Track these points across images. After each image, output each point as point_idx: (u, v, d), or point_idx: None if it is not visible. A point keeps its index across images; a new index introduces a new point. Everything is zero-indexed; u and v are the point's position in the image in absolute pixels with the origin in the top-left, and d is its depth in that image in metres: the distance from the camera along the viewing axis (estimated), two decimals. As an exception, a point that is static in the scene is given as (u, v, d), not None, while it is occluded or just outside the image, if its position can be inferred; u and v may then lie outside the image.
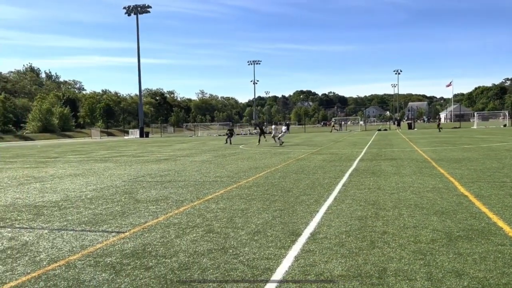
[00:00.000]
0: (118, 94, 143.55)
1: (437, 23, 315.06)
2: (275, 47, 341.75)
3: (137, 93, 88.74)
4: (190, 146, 32.81)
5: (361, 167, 13.20)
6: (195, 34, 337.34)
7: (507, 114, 66.95)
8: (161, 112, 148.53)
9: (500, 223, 5.75)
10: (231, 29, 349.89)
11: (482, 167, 11.96)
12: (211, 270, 4.34)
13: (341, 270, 4.20)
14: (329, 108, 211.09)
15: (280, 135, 30.33)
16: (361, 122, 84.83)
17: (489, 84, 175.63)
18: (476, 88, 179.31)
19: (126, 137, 72.30)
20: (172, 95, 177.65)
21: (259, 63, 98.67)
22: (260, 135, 32.95)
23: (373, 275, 4.05)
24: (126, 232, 6.07)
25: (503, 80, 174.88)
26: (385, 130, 60.49)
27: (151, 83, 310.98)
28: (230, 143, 32.66)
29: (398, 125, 51.48)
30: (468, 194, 7.93)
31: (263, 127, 30.67)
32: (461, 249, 4.74)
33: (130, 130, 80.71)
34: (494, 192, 8.03)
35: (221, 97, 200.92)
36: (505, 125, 58.85)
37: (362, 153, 18.95)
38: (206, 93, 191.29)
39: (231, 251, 4.98)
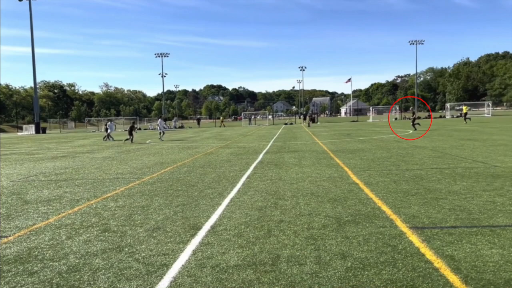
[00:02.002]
0: (10, 87, 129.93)
1: (338, 23, 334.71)
2: (185, 40, 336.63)
3: (32, 85, 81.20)
4: (91, 142, 30.99)
5: (266, 160, 13.59)
6: (99, 24, 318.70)
7: (398, 109, 73.68)
8: (61, 106, 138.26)
9: (384, 207, 6.31)
10: (137, 19, 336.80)
11: (373, 157, 13.03)
12: (103, 271, 4.15)
13: (237, 260, 4.29)
14: (240, 103, 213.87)
15: (161, 130, 30.21)
16: (270, 117, 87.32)
17: (383, 81, 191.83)
18: (372, 85, 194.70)
19: (19, 133, 66.07)
20: (72, 88, 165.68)
21: (168, 56, 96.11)
22: (129, 134, 27.91)
23: (267, 263, 4.19)
24: (10, 236, 5.54)
25: (395, 77, 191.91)
26: (291, 124, 63.05)
27: (49, 75, 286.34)
28: (109, 139, 31.60)
29: (305, 119, 53.99)
30: (359, 182, 8.58)
31: (135, 126, 28.74)
32: (348, 232, 5.11)
33: (24, 126, 73.86)
34: (381, 180, 8.79)
35: (128, 90, 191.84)
36: (396, 119, 64.77)
37: (268, 146, 19.52)
38: (111, 86, 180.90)
39: (126, 249, 4.81)
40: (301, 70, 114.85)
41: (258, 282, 3.73)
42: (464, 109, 42.59)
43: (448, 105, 72.32)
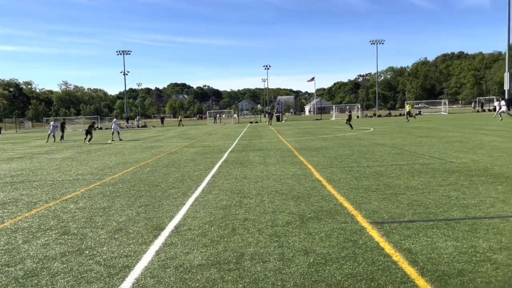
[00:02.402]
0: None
1: (302, 22, 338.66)
2: (147, 38, 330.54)
3: (-15, 83, 77.28)
4: (50, 142, 29.91)
5: (231, 158, 13.58)
6: (57, 20, 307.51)
7: (359, 107, 75.48)
8: (17, 105, 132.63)
9: (345, 204, 6.46)
10: (97, 17, 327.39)
11: (335, 154, 13.30)
12: (62, 274, 4.03)
13: (201, 260, 4.28)
14: (204, 101, 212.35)
15: (114, 130, 29.67)
16: (235, 115, 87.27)
17: (345, 80, 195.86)
18: (335, 83, 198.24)
19: (-29, 134, 62.75)
20: (29, 86, 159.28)
21: (129, 53, 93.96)
22: (87, 134, 26.75)
23: (231, 261, 4.20)
24: (-40, 242, 5.27)
25: (357, 76, 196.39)
26: (257, 122, 63.28)
27: (3, 73, 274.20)
28: (58, 139, 30.92)
29: (271, 118, 54.36)
30: (322, 179, 8.74)
31: (94, 125, 27.93)
32: (311, 229, 5.21)
33: (-24, 126, 70.24)
34: (343, 176, 8.99)
35: (88, 89, 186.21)
36: (358, 117, 66.30)
37: (233, 145, 19.51)
38: (70, 85, 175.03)
39: (87, 252, 4.69)
40: (265, 68, 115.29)
41: (222, 280, 3.74)
42: (407, 107, 44.05)
43: (407, 103, 74.68)
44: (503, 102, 31.11)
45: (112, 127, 30.39)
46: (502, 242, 4.41)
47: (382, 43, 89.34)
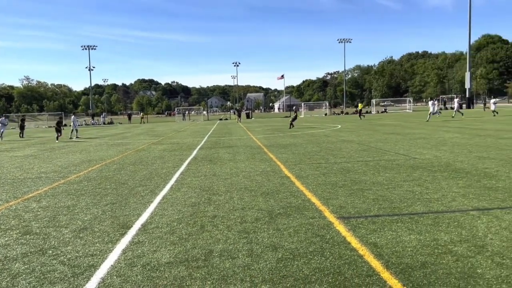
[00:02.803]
0: None
1: (271, 20, 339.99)
2: (114, 33, 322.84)
3: None
4: (11, 139, 28.79)
5: (200, 155, 13.49)
6: (18, 13, 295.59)
7: (327, 105, 76.61)
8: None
9: (314, 199, 6.55)
10: (60, 10, 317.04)
11: (304, 151, 13.44)
12: (24, 275, 3.89)
13: (169, 257, 4.23)
14: (173, 98, 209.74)
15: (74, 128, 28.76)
16: (204, 112, 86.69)
17: (314, 78, 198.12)
18: (304, 81, 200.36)
19: None
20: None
21: (95, 48, 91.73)
22: (58, 131, 26.06)
23: (200, 258, 4.18)
24: None
25: (325, 74, 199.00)
26: (226, 119, 63.12)
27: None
28: (22, 136, 30.29)
29: (239, 115, 54.40)
30: (291, 176, 8.82)
31: (62, 122, 26.94)
32: (280, 224, 5.25)
33: None
34: (311, 173, 9.10)
35: (52, 85, 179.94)
36: (326, 114, 67.28)
37: (203, 142, 19.38)
38: (32, 80, 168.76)
39: (50, 251, 4.54)
40: (235, 65, 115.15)
41: (190, 278, 3.71)
42: (360, 106, 44.89)
43: (373, 101, 76.44)
44: (431, 102, 31.77)
45: (72, 124, 29.37)
46: (462, 235, 4.59)
47: (350, 42, 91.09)
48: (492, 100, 37.86)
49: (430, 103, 32.21)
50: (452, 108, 49.42)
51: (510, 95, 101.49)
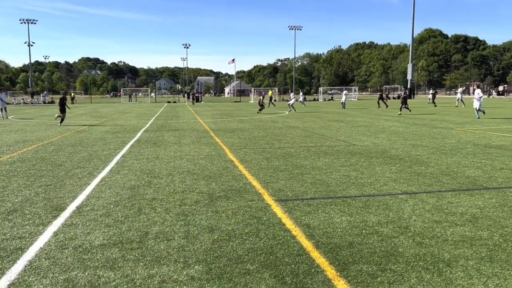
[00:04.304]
0: None
1: (222, 2, 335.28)
2: (56, 7, 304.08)
3: None
4: None
5: (144, 138, 13.22)
6: None
7: (277, 91, 77.31)
8: None
9: (254, 183, 6.66)
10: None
11: (250, 136, 13.56)
12: None
13: (102, 240, 4.16)
14: (119, 78, 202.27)
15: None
16: (152, 94, 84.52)
17: (265, 64, 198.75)
18: (255, 67, 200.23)
19: None
20: None
21: (35, 23, 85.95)
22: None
23: (134, 240, 4.15)
24: None
25: (276, 61, 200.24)
26: (175, 102, 62.00)
27: None
28: None
29: (189, 98, 53.65)
30: (234, 160, 8.89)
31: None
32: (219, 207, 5.31)
33: None
34: (255, 157, 9.22)
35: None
36: (275, 100, 67.90)
37: (148, 124, 18.97)
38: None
39: (-26, 235, 4.31)
40: (185, 47, 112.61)
41: (123, 259, 3.68)
42: (270, 93, 45.36)
43: (321, 89, 78.14)
44: (298, 95, 32.45)
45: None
46: (389, 217, 4.89)
47: (300, 29, 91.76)
48: (459, 90, 39.47)
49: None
50: (395, 98, 51.52)
51: (447, 87, 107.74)
